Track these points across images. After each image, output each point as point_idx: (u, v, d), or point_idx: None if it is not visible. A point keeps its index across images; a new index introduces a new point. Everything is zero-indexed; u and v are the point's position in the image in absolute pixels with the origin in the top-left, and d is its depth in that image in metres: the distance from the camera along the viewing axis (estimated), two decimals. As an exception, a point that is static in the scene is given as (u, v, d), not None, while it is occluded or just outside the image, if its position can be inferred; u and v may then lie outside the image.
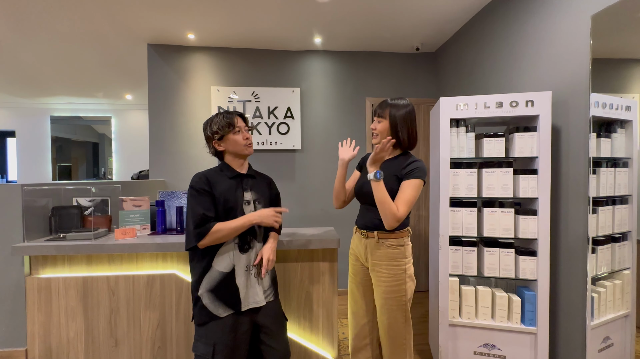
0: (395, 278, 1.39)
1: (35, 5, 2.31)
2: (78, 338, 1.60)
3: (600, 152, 1.55)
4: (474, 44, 2.53)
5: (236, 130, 1.33)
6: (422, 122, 3.20)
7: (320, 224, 3.12)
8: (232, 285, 1.26)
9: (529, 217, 1.73)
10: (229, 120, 1.32)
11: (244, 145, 1.34)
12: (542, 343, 1.69)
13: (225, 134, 1.31)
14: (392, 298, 1.39)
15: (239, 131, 1.34)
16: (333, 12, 2.44)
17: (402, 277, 1.39)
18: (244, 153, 1.35)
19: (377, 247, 1.41)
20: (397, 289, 1.39)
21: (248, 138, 1.36)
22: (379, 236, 1.41)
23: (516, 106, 1.73)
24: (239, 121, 1.35)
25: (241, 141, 1.33)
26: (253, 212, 1.30)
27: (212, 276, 1.26)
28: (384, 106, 1.44)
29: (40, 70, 3.75)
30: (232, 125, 1.31)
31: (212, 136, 1.32)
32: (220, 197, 1.27)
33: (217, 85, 3.07)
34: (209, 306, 1.24)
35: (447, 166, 1.82)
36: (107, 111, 5.42)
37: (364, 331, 1.52)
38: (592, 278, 1.56)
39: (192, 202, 1.25)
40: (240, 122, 1.36)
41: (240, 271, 1.28)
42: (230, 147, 1.33)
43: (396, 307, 1.39)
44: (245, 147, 1.35)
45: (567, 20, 1.67)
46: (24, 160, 5.26)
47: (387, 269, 1.39)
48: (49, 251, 1.55)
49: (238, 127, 1.33)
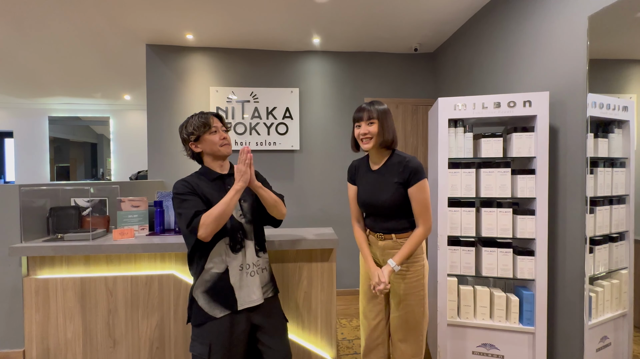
0: (415, 274, 1.41)
1: (33, 5, 2.30)
2: (76, 339, 1.59)
3: (598, 152, 1.56)
4: (471, 45, 2.54)
5: (212, 130, 1.30)
6: (421, 123, 3.21)
7: (319, 224, 3.12)
8: (227, 285, 1.25)
9: (527, 217, 1.73)
10: (204, 120, 1.30)
11: (220, 145, 1.31)
12: (540, 343, 1.70)
13: (201, 134, 1.29)
14: (413, 293, 1.41)
15: (215, 131, 1.31)
16: (332, 13, 2.45)
17: (421, 272, 1.42)
18: (221, 153, 1.32)
19: (396, 247, 1.41)
20: (417, 284, 1.41)
21: (225, 138, 1.33)
22: (396, 238, 1.42)
23: (514, 106, 1.74)
24: (215, 121, 1.33)
25: (217, 140, 1.30)
26: (233, 185, 1.25)
27: (205, 277, 1.26)
28: (370, 109, 1.40)
29: (39, 70, 3.74)
30: (208, 125, 1.29)
31: (188, 137, 1.30)
32: (205, 201, 1.26)
33: (215, 86, 3.07)
34: (205, 307, 1.24)
35: (445, 166, 1.83)
36: (106, 112, 5.41)
37: (376, 331, 1.50)
38: (590, 278, 1.57)
39: (180, 206, 1.23)
40: (217, 122, 1.33)
41: (234, 271, 1.27)
42: (207, 147, 1.31)
43: (415, 302, 1.41)
44: (222, 147, 1.32)
45: (564, 21, 1.67)
46: (22, 160, 5.24)
47: (406, 266, 1.41)
48: (47, 252, 1.55)
49: (214, 127, 1.31)
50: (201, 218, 1.19)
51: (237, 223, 1.31)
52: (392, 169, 1.41)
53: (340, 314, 2.75)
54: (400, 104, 3.17)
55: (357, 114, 1.44)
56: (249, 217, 1.35)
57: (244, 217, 1.33)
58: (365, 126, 1.41)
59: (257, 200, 1.40)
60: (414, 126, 3.19)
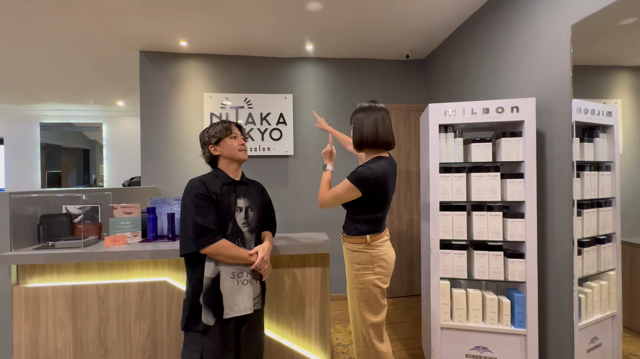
0: (350, 281, 1.48)
1: (26, 11, 2.30)
2: (66, 349, 1.57)
3: (584, 156, 1.60)
4: (461, 52, 2.59)
5: (232, 135, 1.39)
6: (413, 128, 3.25)
7: (313, 229, 3.13)
8: (217, 292, 1.25)
9: (516, 220, 1.76)
10: (227, 126, 1.40)
11: (238, 149, 1.39)
12: (532, 344, 1.72)
13: (222, 137, 1.37)
14: (349, 301, 1.49)
15: (235, 137, 1.40)
16: (324, 21, 2.49)
17: (353, 282, 1.46)
18: (238, 157, 1.39)
19: (344, 249, 1.52)
20: (350, 293, 1.49)
21: (243, 144, 1.42)
22: (343, 239, 1.53)
23: (502, 112, 1.78)
24: (236, 129, 1.43)
25: (236, 145, 1.39)
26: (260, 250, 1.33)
27: (201, 283, 1.26)
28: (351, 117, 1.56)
29: (30, 76, 3.71)
30: (230, 130, 1.39)
31: (209, 140, 1.38)
32: (216, 202, 1.29)
33: (209, 92, 3.08)
34: (196, 313, 1.24)
35: (436, 171, 1.85)
36: (99, 118, 5.38)
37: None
38: (579, 279, 1.59)
39: (198, 213, 1.24)
40: (237, 130, 1.44)
41: (226, 277, 1.27)
42: (226, 151, 1.38)
43: (351, 311, 1.48)
44: (240, 152, 1.40)
45: (549, 30, 1.73)
46: (12, 167, 5.17)
47: (347, 272, 1.51)
48: (37, 260, 1.53)
49: (234, 133, 1.40)
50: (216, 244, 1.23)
51: (238, 230, 1.32)
52: None
53: (334, 319, 2.75)
54: (392, 109, 3.21)
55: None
56: (252, 226, 1.36)
57: (247, 226, 1.35)
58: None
59: (262, 211, 1.45)
60: (406, 131, 3.23)
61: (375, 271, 1.43)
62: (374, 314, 1.44)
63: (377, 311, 1.44)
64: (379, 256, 1.44)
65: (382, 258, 1.44)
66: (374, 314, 1.44)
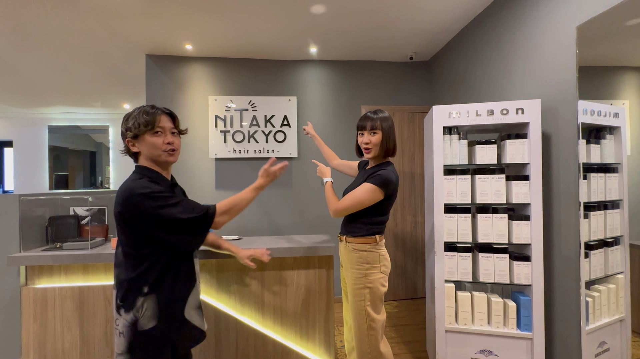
0: (356, 281, 1.45)
1: (33, 16, 2.34)
2: (73, 349, 1.58)
3: (590, 158, 1.58)
4: (465, 54, 2.58)
5: (156, 131, 1.07)
6: (417, 130, 3.24)
7: (317, 231, 3.13)
8: None
9: (522, 222, 1.75)
10: (150, 119, 1.06)
11: (163, 150, 1.08)
12: (538, 348, 1.70)
13: (141, 133, 1.06)
14: (355, 302, 1.45)
15: (160, 132, 1.08)
16: (328, 23, 2.50)
17: (361, 281, 1.44)
18: (162, 160, 1.10)
19: (347, 250, 1.49)
20: (357, 293, 1.45)
21: (171, 143, 1.10)
22: (346, 240, 1.50)
23: (507, 114, 1.77)
24: (163, 121, 1.09)
25: (160, 144, 1.08)
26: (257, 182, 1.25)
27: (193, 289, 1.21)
28: (374, 119, 1.47)
29: (39, 81, 3.78)
30: (151, 124, 1.06)
31: (125, 133, 1.08)
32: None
33: (214, 95, 3.11)
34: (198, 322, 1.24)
35: (441, 173, 1.85)
36: (105, 120, 5.45)
37: (351, 333, 1.57)
38: (586, 283, 1.57)
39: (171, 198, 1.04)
40: (166, 122, 1.10)
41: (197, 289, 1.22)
42: (146, 150, 1.08)
43: (357, 312, 1.45)
44: (165, 154, 1.09)
45: (554, 31, 1.72)
46: (21, 170, 5.25)
47: (351, 272, 1.47)
48: (46, 261, 1.55)
49: (159, 128, 1.08)
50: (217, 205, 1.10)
51: None
52: (367, 174, 1.48)
53: (338, 322, 2.74)
54: (396, 111, 3.21)
55: (361, 123, 1.51)
56: None
57: None
58: (367, 135, 1.48)
59: None
60: (410, 133, 3.22)
61: (381, 269, 1.46)
62: (378, 313, 1.46)
63: (379, 310, 1.46)
64: (383, 255, 1.48)
65: (385, 258, 1.49)
66: (378, 313, 1.46)
